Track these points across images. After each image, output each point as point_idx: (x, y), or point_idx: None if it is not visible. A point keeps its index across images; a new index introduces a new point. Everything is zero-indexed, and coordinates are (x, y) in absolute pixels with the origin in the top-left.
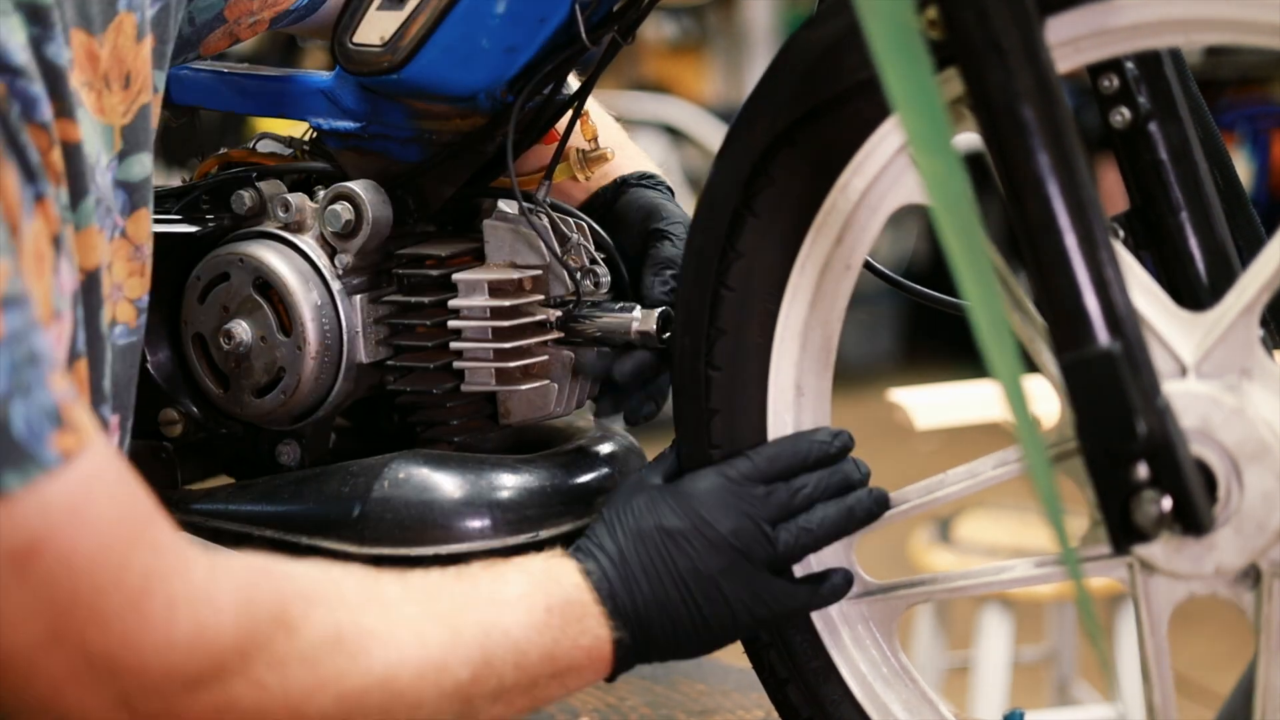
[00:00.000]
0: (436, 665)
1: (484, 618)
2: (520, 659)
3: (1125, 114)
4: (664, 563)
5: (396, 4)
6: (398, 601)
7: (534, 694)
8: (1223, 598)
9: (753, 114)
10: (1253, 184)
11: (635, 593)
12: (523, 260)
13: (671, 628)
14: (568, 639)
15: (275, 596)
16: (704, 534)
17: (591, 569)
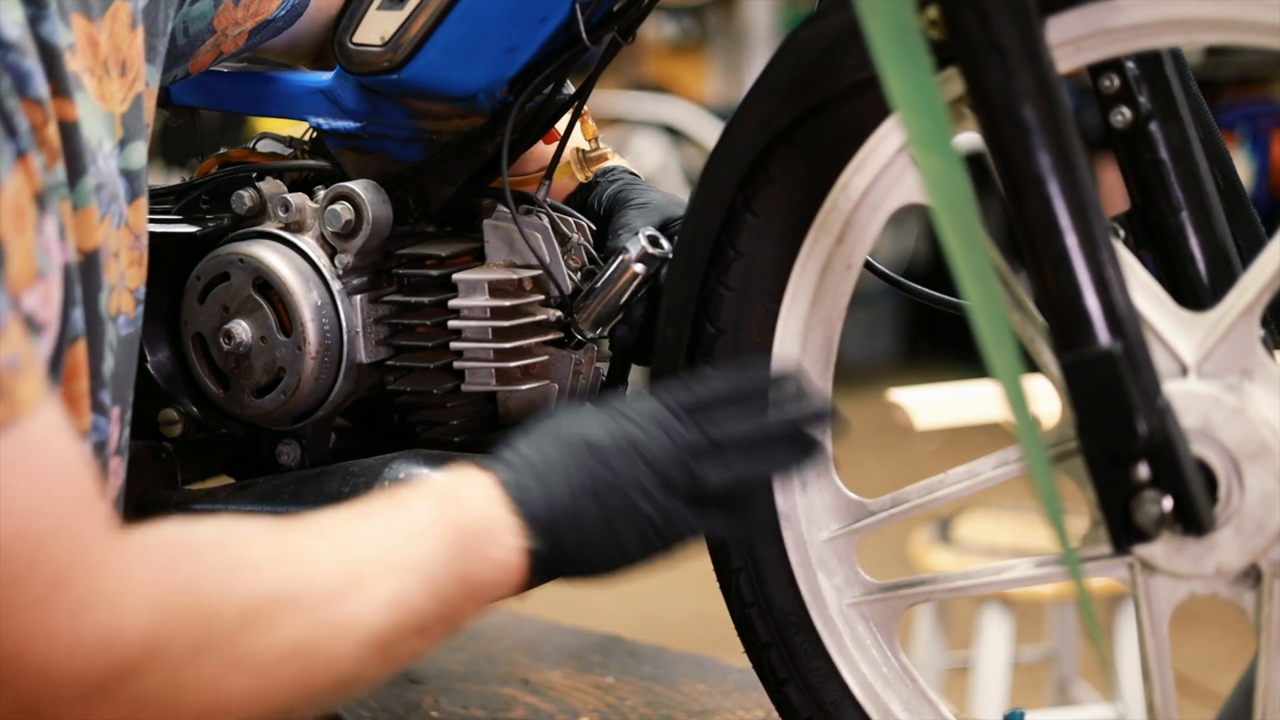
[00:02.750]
0: (351, 621)
1: (394, 557)
2: (434, 589)
3: (1126, 114)
4: (583, 473)
5: (397, 4)
6: (307, 556)
7: (451, 618)
8: (1223, 598)
9: (751, 112)
10: (1253, 184)
11: (551, 501)
12: (523, 260)
13: (582, 541)
14: (479, 556)
15: (188, 584)
16: (628, 452)
17: (507, 478)
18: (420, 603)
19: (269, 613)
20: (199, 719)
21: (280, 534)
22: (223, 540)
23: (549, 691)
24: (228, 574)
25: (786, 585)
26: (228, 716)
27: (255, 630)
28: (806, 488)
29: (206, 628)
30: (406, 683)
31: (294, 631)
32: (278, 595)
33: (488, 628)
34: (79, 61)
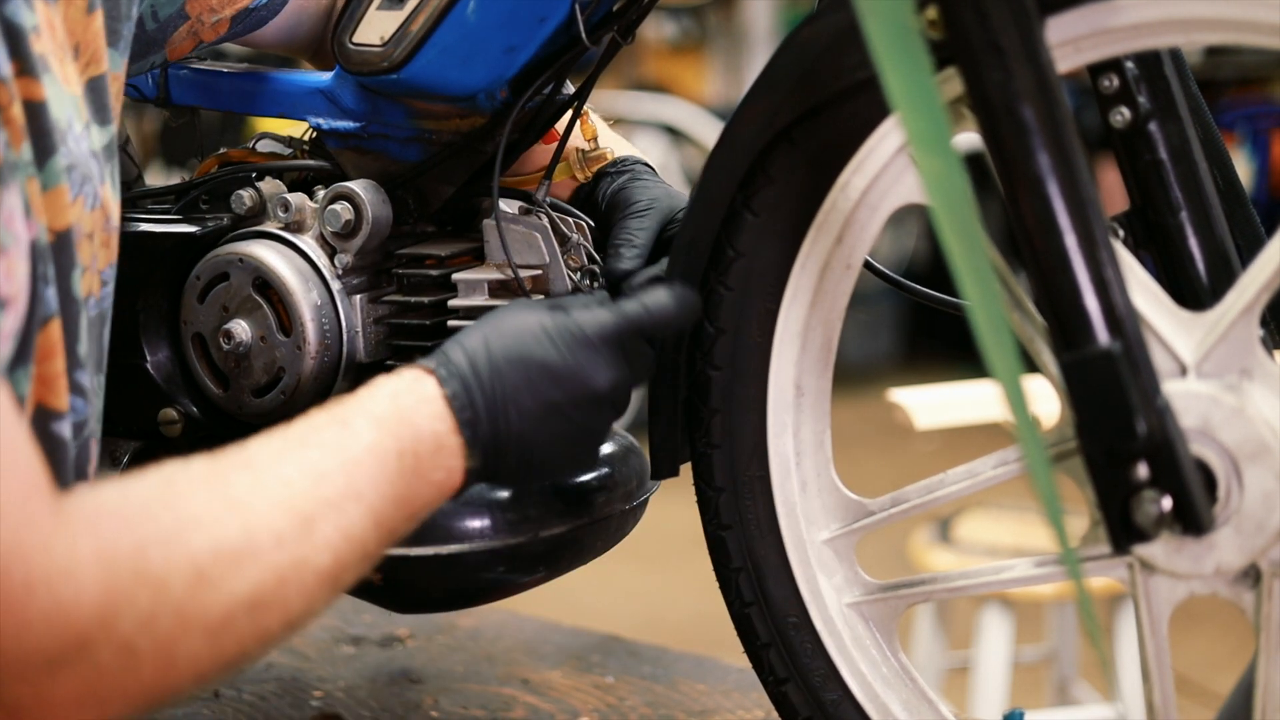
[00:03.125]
0: (300, 564)
1: (338, 490)
2: (378, 517)
3: (1125, 114)
4: (535, 399)
5: (396, 4)
6: (250, 501)
7: (392, 539)
8: (1223, 597)
9: (751, 112)
10: (1252, 184)
11: (498, 424)
12: (523, 260)
13: (526, 461)
14: (420, 479)
15: (134, 552)
16: (586, 382)
17: (457, 393)
18: (365, 533)
19: (218, 569)
20: (157, 681)
21: (221, 479)
22: (164, 498)
23: (549, 691)
24: (173, 536)
25: (786, 585)
26: (186, 675)
27: (205, 589)
28: (806, 488)
29: (157, 594)
30: (406, 682)
31: (245, 585)
32: (224, 550)
33: (488, 628)
34: (44, 43)
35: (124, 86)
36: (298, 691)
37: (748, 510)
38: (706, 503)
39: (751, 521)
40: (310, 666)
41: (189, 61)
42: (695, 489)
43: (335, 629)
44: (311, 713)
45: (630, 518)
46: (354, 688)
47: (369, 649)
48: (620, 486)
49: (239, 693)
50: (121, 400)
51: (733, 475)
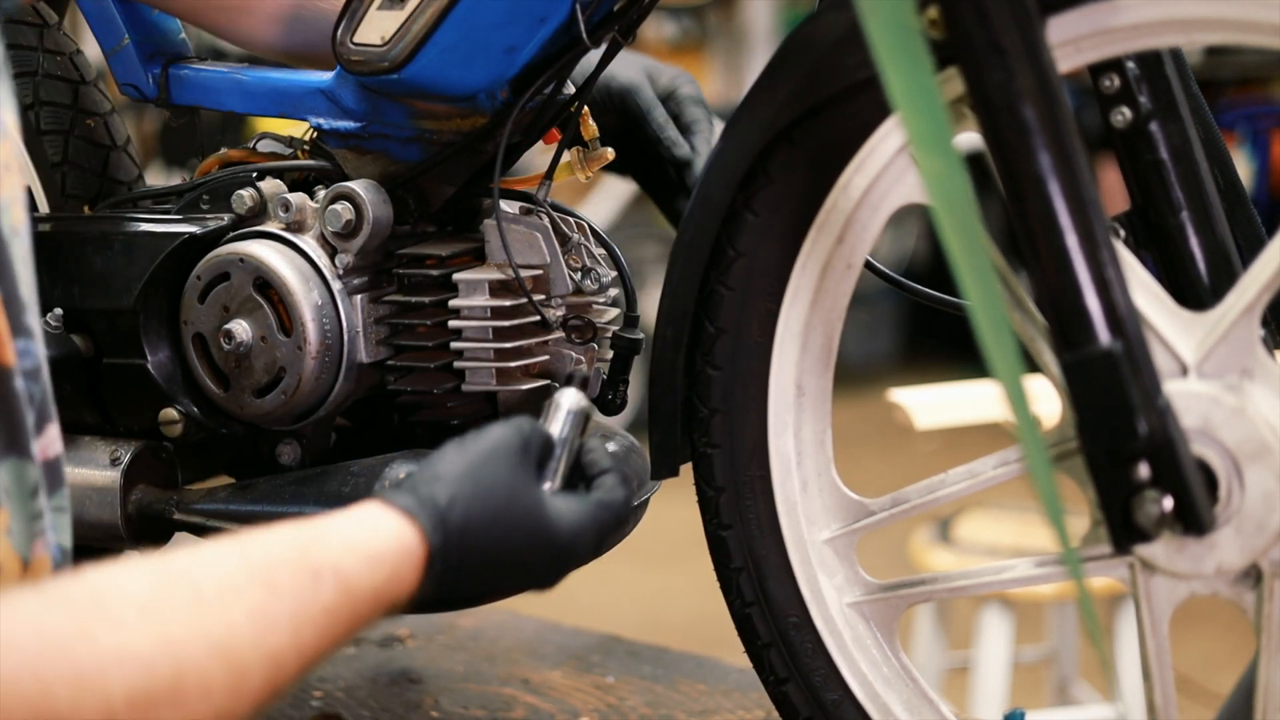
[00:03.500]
0: (220, 715)
1: (281, 645)
2: (309, 665)
3: (1126, 114)
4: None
5: (397, 4)
6: (185, 637)
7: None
8: (1224, 597)
9: (751, 112)
10: (1253, 184)
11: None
12: (523, 260)
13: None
14: (360, 630)
15: (39, 691)
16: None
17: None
18: (293, 680)
19: (138, 713)
20: None
21: (159, 607)
22: (87, 627)
23: (549, 691)
24: (89, 675)
25: (787, 585)
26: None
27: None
28: (807, 488)
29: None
30: (406, 682)
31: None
32: (145, 696)
33: (488, 628)
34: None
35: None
36: (298, 691)
37: (748, 510)
38: (707, 503)
39: (752, 521)
40: None
41: (190, 61)
42: (696, 489)
43: None
44: (311, 713)
45: (631, 518)
46: (354, 688)
47: (369, 649)
48: None
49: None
50: (122, 400)
51: (733, 475)
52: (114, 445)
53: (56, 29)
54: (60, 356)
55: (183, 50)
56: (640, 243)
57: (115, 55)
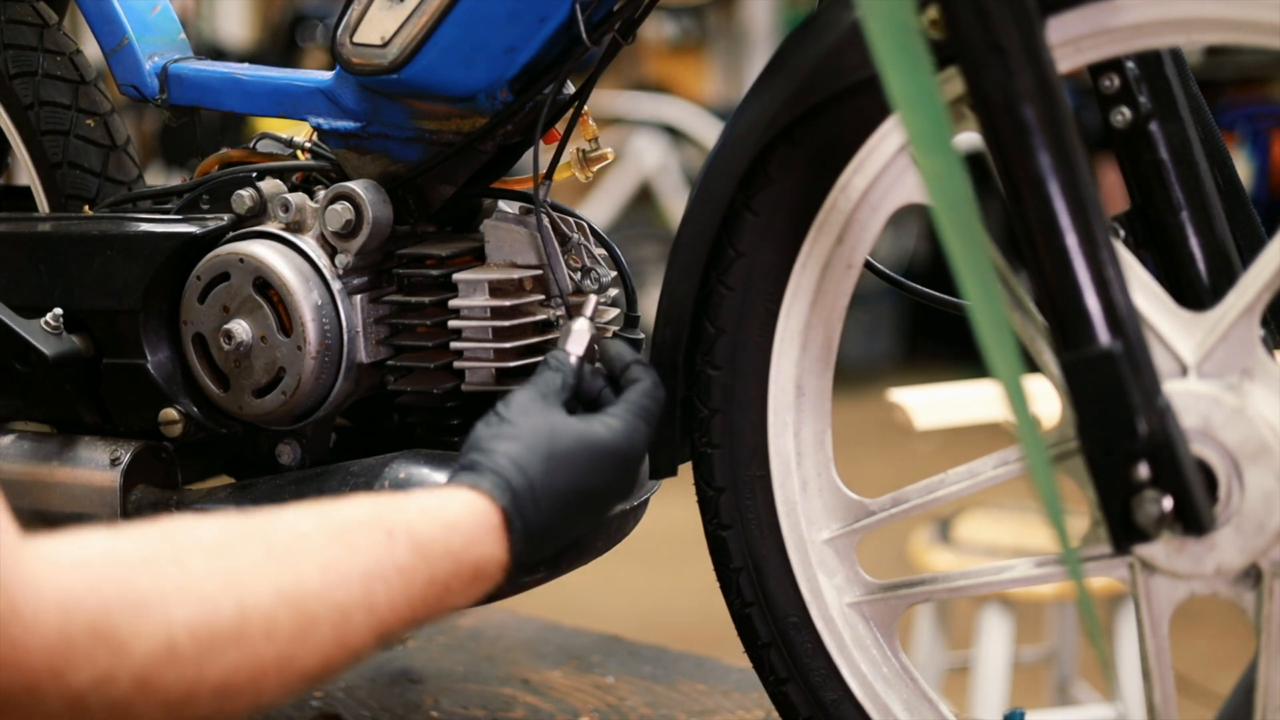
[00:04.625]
0: (283, 660)
1: (352, 599)
2: (383, 630)
3: (1126, 114)
4: (586, 520)
5: (397, 3)
6: (253, 580)
7: (393, 641)
8: (1223, 597)
9: (751, 111)
10: (1252, 184)
11: (544, 549)
12: (523, 260)
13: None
14: (444, 603)
15: (98, 606)
16: (629, 490)
17: (518, 537)
18: (365, 643)
19: (193, 647)
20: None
21: (230, 550)
22: (155, 562)
23: (549, 691)
24: (150, 602)
25: (787, 585)
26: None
27: (173, 663)
28: (807, 487)
29: (116, 656)
30: (406, 682)
31: (219, 668)
32: (206, 629)
33: (488, 628)
34: None
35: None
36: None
37: (748, 510)
38: (707, 502)
39: (752, 521)
40: None
41: (190, 61)
42: (696, 489)
43: None
44: (311, 713)
45: (631, 518)
46: (354, 688)
47: None
48: None
49: None
50: (122, 400)
51: (733, 475)
52: (114, 445)
53: (56, 29)
54: (60, 357)
55: (183, 50)
56: (640, 243)
57: (115, 55)
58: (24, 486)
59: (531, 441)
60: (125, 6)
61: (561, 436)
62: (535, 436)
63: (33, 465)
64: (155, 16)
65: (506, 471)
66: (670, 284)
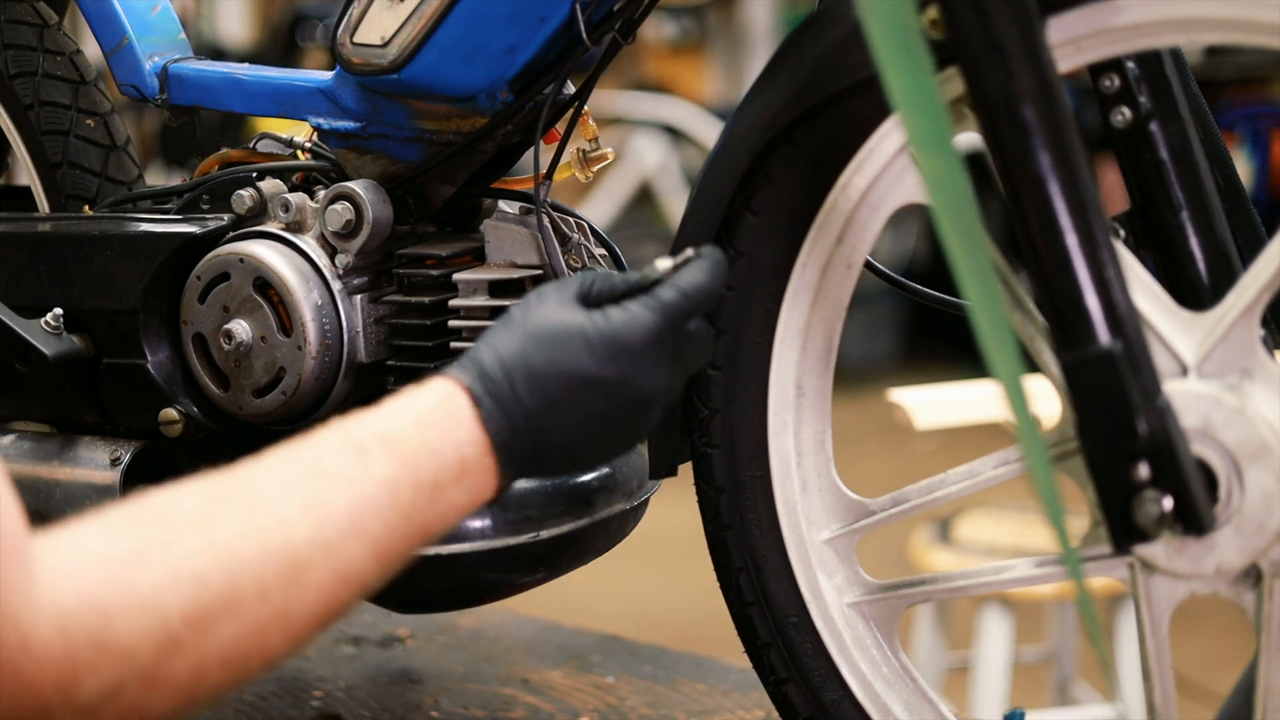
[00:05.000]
0: (282, 614)
1: (339, 530)
2: (382, 552)
3: (1126, 114)
4: (579, 410)
5: (397, 4)
6: (239, 545)
7: (401, 564)
8: (1223, 597)
9: (751, 111)
10: (1252, 184)
11: (539, 438)
12: (523, 260)
13: (568, 463)
14: (438, 507)
15: (99, 620)
16: (634, 390)
17: (492, 414)
18: (366, 570)
19: (192, 632)
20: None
21: (213, 519)
22: (146, 549)
23: (549, 691)
24: (146, 599)
25: (787, 585)
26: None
27: (176, 654)
28: (807, 487)
29: (121, 664)
30: (407, 682)
31: (220, 643)
32: (201, 610)
33: (488, 628)
34: None
35: None
36: (298, 691)
37: (748, 510)
38: (707, 502)
39: (752, 521)
40: (310, 666)
41: (190, 61)
42: (696, 489)
43: (335, 629)
44: (311, 713)
45: (631, 517)
46: (354, 688)
47: (369, 649)
48: (621, 486)
49: (239, 693)
50: (122, 400)
51: (733, 475)
52: (114, 445)
53: (56, 29)
54: (60, 357)
55: (183, 50)
56: (640, 243)
57: (115, 55)
58: (24, 486)
59: (511, 325)
60: (125, 6)
61: (544, 317)
62: (518, 320)
63: (33, 465)
64: (155, 16)
65: (475, 354)
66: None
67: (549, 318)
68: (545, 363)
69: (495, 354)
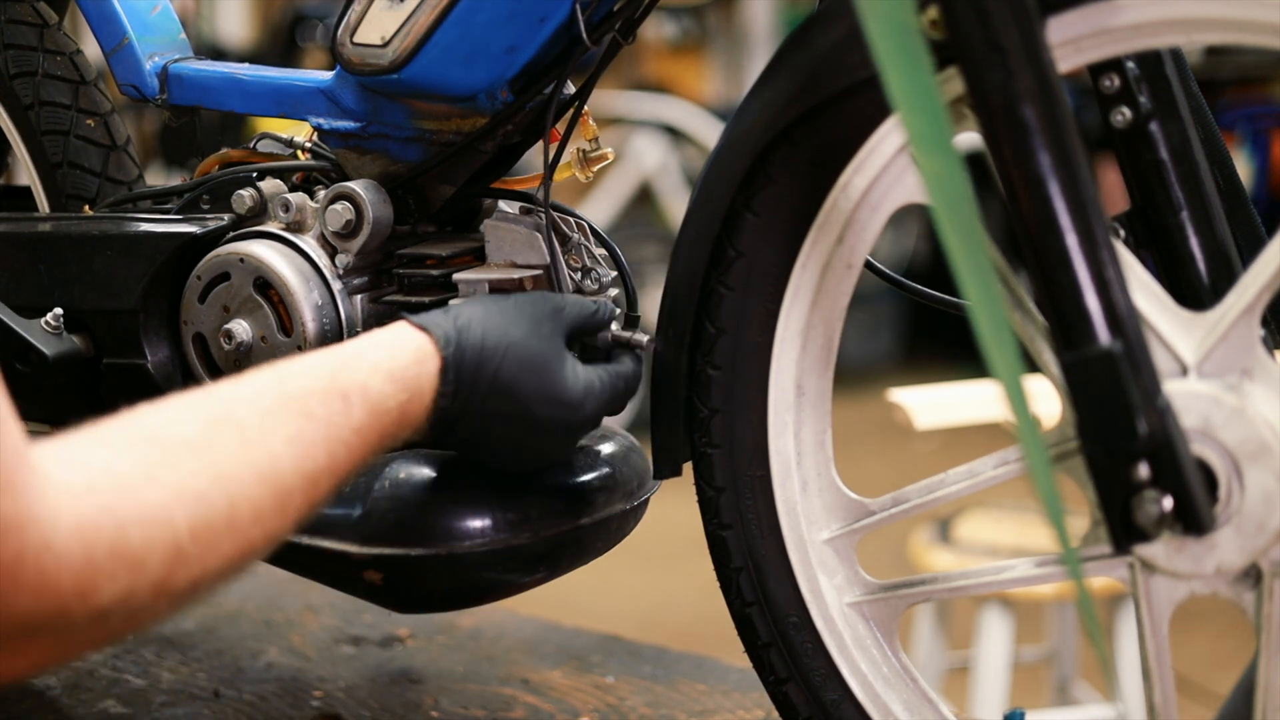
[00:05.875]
0: (269, 537)
1: (318, 467)
2: (343, 483)
3: (1126, 114)
4: (513, 439)
5: (397, 4)
6: (235, 470)
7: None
8: (1223, 597)
9: (752, 112)
10: (1252, 184)
11: (454, 436)
12: (524, 260)
13: (479, 437)
14: (387, 447)
15: (114, 528)
16: (562, 441)
17: (446, 407)
18: (328, 498)
19: (197, 548)
20: (118, 637)
21: (209, 445)
22: (150, 469)
23: (549, 691)
24: (157, 512)
25: (787, 585)
26: (144, 629)
27: (182, 566)
28: (807, 487)
29: (134, 572)
30: (407, 682)
31: (219, 559)
32: (206, 527)
33: (488, 628)
34: None
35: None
36: (298, 691)
37: (748, 510)
38: (707, 502)
39: (752, 521)
40: (310, 666)
41: (190, 61)
42: (696, 488)
43: (335, 629)
44: (311, 713)
45: (631, 518)
46: (354, 688)
47: (369, 649)
48: (621, 486)
49: (239, 693)
50: (122, 400)
51: (733, 475)
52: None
53: (56, 29)
54: (61, 357)
55: (183, 50)
56: (640, 243)
57: (115, 55)
58: None
59: (507, 324)
60: (125, 6)
61: (536, 341)
62: (514, 323)
63: None
64: (155, 16)
65: (463, 326)
66: (672, 283)
67: (540, 344)
68: (512, 382)
69: (481, 343)
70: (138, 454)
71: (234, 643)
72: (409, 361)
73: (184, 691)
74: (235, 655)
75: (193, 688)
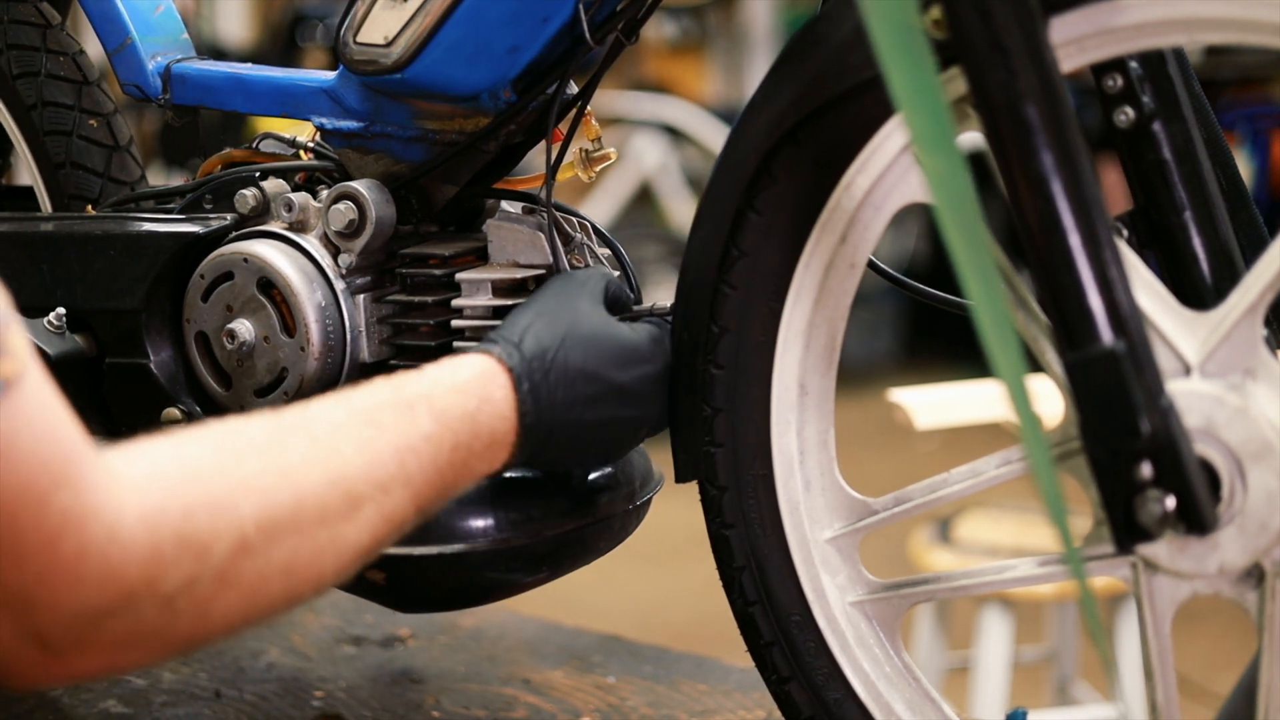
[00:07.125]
0: (340, 542)
1: (391, 475)
2: (420, 502)
3: (1129, 113)
4: (598, 417)
5: (400, 3)
6: (303, 468)
7: (427, 518)
8: (1226, 597)
9: (756, 112)
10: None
11: (555, 434)
12: (526, 260)
13: (562, 459)
14: (467, 469)
15: (180, 514)
16: (643, 404)
17: (524, 398)
18: (405, 516)
19: (262, 538)
20: (192, 632)
21: (279, 444)
22: (217, 462)
23: (550, 691)
24: (222, 500)
25: (790, 584)
26: (218, 628)
27: (247, 556)
28: (810, 486)
29: (199, 559)
30: (408, 682)
31: (284, 553)
32: (271, 519)
33: (489, 628)
34: None
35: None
36: (299, 691)
37: (751, 509)
38: (710, 501)
39: (755, 520)
40: (311, 666)
41: (192, 61)
42: (698, 488)
43: (336, 629)
44: (312, 713)
45: (633, 517)
46: (355, 688)
47: (370, 649)
48: (623, 486)
49: (240, 693)
50: (125, 400)
51: (736, 474)
52: (116, 445)
53: (59, 29)
54: (63, 356)
55: (185, 50)
56: (640, 243)
57: (118, 55)
58: None
59: (552, 318)
60: (128, 6)
61: (584, 319)
62: (557, 314)
63: None
64: (158, 16)
65: (517, 338)
66: (685, 288)
67: (589, 320)
68: (581, 363)
69: (539, 343)
70: (205, 449)
71: (235, 643)
72: (472, 375)
73: (185, 691)
74: (236, 655)
75: (194, 688)
